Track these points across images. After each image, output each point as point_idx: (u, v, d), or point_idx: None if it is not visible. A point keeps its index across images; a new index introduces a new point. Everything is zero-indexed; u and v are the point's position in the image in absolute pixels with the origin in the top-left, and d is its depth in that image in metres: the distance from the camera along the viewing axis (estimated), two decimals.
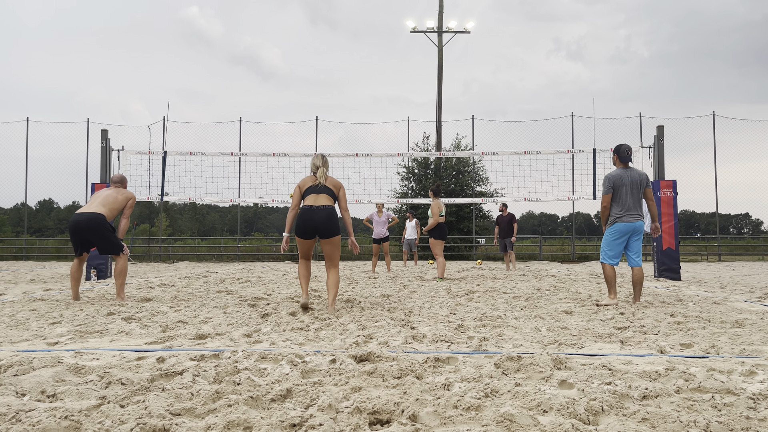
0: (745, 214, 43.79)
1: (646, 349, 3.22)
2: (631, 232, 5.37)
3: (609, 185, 5.39)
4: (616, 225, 5.38)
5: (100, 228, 5.55)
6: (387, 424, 1.99)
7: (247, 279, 9.04)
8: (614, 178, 5.38)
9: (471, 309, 5.00)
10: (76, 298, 5.73)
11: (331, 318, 4.41)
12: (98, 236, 5.59)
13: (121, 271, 5.68)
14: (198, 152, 10.51)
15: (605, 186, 5.42)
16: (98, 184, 9.55)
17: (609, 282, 5.40)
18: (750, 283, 8.69)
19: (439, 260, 8.91)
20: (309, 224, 4.92)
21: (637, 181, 5.38)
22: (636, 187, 5.38)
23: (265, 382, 2.43)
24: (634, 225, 5.35)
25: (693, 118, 20.00)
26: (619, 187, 5.36)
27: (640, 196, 5.42)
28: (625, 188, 5.35)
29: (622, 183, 5.36)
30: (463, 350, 3.18)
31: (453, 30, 21.67)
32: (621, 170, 5.43)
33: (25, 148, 20.36)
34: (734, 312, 4.78)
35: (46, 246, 23.87)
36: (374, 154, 10.88)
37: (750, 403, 2.09)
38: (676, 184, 9.36)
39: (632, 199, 5.37)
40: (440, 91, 21.63)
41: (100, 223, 5.55)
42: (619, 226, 5.37)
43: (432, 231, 8.97)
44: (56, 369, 2.60)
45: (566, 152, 11.31)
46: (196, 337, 3.62)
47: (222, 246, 22.90)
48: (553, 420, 1.93)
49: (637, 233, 5.40)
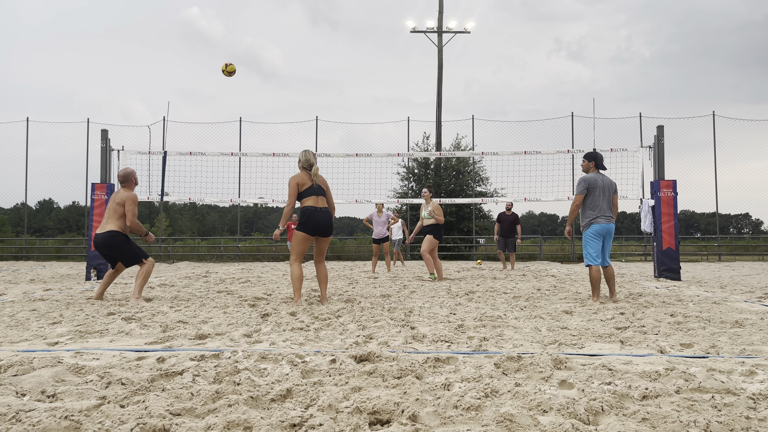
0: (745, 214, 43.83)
1: (646, 349, 3.22)
2: (605, 233, 5.63)
3: (584, 186, 5.64)
4: (593, 226, 5.63)
5: (115, 244, 5.75)
6: (387, 424, 1.99)
7: (247, 279, 9.04)
8: (590, 180, 5.65)
9: (471, 309, 5.00)
10: (98, 297, 5.88)
11: (331, 318, 4.41)
12: (116, 252, 5.79)
13: (142, 273, 5.76)
14: (198, 152, 10.51)
15: (581, 186, 5.66)
16: (98, 184, 9.56)
17: (594, 284, 5.66)
18: (750, 283, 8.69)
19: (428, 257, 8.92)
20: (317, 224, 5.25)
21: (608, 186, 5.69)
22: (607, 191, 5.66)
23: (265, 382, 2.43)
24: (608, 226, 5.63)
25: (693, 118, 20.01)
26: (594, 189, 5.62)
27: (610, 199, 5.69)
28: (599, 190, 5.62)
29: (597, 185, 5.63)
30: (463, 350, 3.18)
31: (453, 30, 21.67)
32: (595, 174, 5.70)
33: (25, 148, 20.36)
34: (734, 312, 4.78)
35: (46, 246, 23.86)
36: (374, 154, 10.86)
37: (750, 403, 2.09)
38: (676, 184, 9.36)
39: (605, 202, 5.65)
40: (440, 91, 21.63)
41: (113, 240, 5.74)
42: (596, 227, 5.61)
43: (433, 231, 8.95)
44: (56, 369, 2.60)
45: (566, 152, 11.31)
46: (196, 337, 3.62)
47: (222, 246, 22.89)
48: (553, 420, 1.93)
49: (610, 235, 5.68)
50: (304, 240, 5.27)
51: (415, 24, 21.71)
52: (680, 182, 9.58)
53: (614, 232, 5.74)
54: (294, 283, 5.28)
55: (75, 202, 38.11)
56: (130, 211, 5.72)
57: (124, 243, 5.75)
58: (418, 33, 21.85)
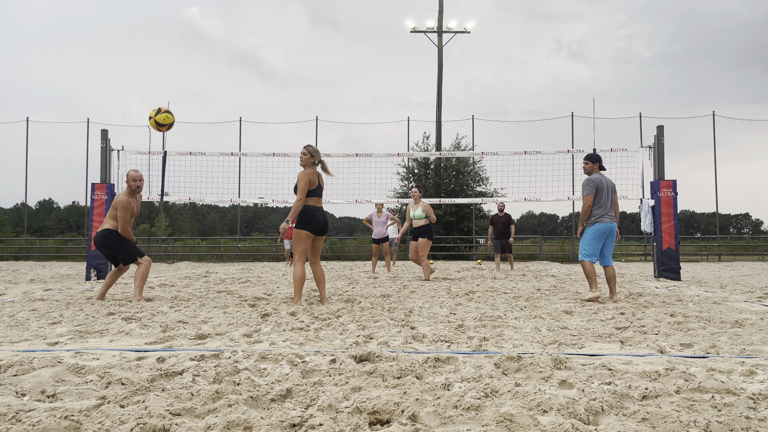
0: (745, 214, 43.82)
1: (646, 349, 3.22)
2: (608, 232, 5.73)
3: (593, 187, 5.74)
4: (596, 225, 5.72)
5: (108, 243, 5.77)
6: (387, 424, 1.99)
7: (247, 279, 9.04)
8: (597, 181, 5.76)
9: (471, 309, 5.00)
10: (100, 297, 5.86)
11: (331, 318, 4.41)
12: (112, 250, 5.81)
13: (139, 274, 5.74)
14: (198, 152, 10.50)
15: (589, 187, 5.75)
16: (98, 184, 9.56)
17: (590, 277, 5.77)
18: (750, 283, 8.69)
19: (426, 262, 8.92)
20: (320, 224, 5.31)
21: (611, 186, 5.85)
22: (611, 191, 5.82)
23: (265, 382, 2.43)
24: (611, 226, 5.73)
25: (693, 118, 20.03)
26: (601, 190, 5.74)
27: (613, 199, 5.82)
28: (605, 191, 5.78)
29: (603, 186, 5.76)
30: (463, 350, 3.18)
31: (453, 30, 21.68)
32: (599, 175, 5.84)
33: (25, 148, 20.39)
34: (734, 312, 4.78)
35: (46, 246, 23.86)
36: (374, 154, 10.85)
37: (750, 403, 2.09)
38: (676, 184, 9.36)
39: (609, 202, 5.78)
40: (440, 91, 21.64)
41: (107, 238, 5.76)
42: (600, 226, 5.70)
43: (427, 232, 8.94)
44: (56, 369, 2.60)
45: (566, 152, 11.31)
46: (196, 337, 3.62)
47: (222, 246, 22.89)
48: (553, 420, 1.93)
49: (612, 234, 5.79)
50: (306, 238, 5.28)
51: (415, 24, 21.73)
52: (680, 182, 9.59)
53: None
54: (296, 283, 5.27)
55: (75, 202, 38.15)
56: (120, 218, 5.69)
57: (117, 242, 5.75)
58: (418, 33, 21.87)
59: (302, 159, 5.36)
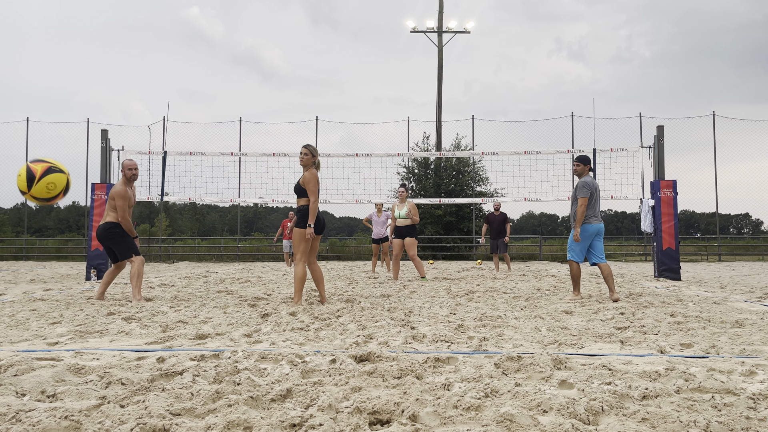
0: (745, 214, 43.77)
1: (646, 349, 3.22)
2: (596, 232, 5.90)
3: (588, 190, 5.90)
4: (585, 226, 5.90)
5: (108, 236, 5.77)
6: (387, 424, 1.99)
7: (247, 279, 9.04)
8: (591, 184, 5.93)
9: (471, 309, 5.00)
10: (100, 297, 5.84)
11: (331, 318, 4.41)
12: (110, 244, 5.81)
13: (134, 273, 5.72)
14: (198, 152, 10.50)
15: (586, 190, 5.90)
16: (98, 184, 9.56)
17: (575, 279, 5.98)
18: (750, 283, 8.69)
19: (417, 260, 8.94)
20: (320, 223, 5.38)
21: (599, 188, 6.06)
22: (599, 193, 6.03)
23: (265, 382, 2.43)
24: (599, 226, 5.93)
25: (693, 118, 20.02)
26: (594, 192, 5.93)
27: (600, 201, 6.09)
28: (596, 193, 5.97)
29: (595, 188, 5.96)
30: (463, 350, 3.18)
31: (453, 30, 21.67)
32: (590, 178, 6.02)
33: (25, 148, 20.37)
34: (734, 312, 4.78)
35: (46, 246, 23.85)
36: (374, 154, 10.85)
37: (750, 403, 2.09)
38: (676, 184, 9.36)
39: (598, 204, 6.01)
40: (440, 91, 21.64)
41: (106, 231, 5.76)
42: (589, 227, 5.89)
43: (412, 231, 8.95)
44: (56, 369, 2.60)
45: (566, 152, 11.31)
46: (196, 337, 3.62)
47: (222, 246, 22.88)
48: (553, 420, 1.93)
49: (600, 234, 5.97)
50: (310, 238, 5.32)
51: (415, 24, 21.72)
52: (680, 182, 9.59)
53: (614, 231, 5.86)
54: (297, 283, 5.27)
55: (75, 202, 38.14)
56: (119, 207, 5.68)
57: (118, 235, 5.74)
58: (418, 33, 21.86)
59: (302, 158, 5.36)
